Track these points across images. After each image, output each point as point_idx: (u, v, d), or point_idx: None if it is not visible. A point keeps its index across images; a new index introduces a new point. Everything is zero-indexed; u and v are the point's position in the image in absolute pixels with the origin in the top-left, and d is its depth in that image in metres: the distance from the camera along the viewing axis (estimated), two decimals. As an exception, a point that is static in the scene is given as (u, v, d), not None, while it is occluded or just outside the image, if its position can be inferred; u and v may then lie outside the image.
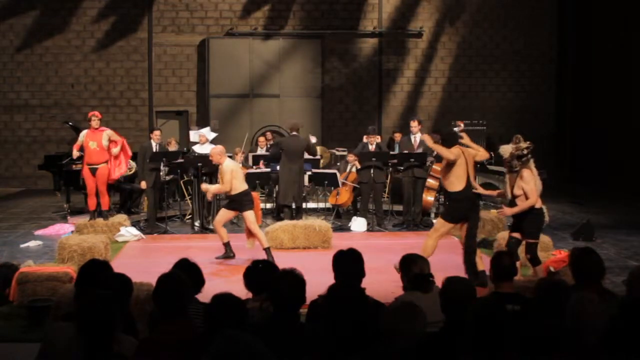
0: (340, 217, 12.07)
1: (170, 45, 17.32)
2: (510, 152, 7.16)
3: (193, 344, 3.44)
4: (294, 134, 11.30)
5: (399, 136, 13.86)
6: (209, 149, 11.06)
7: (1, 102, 17.16)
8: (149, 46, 17.28)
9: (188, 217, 11.83)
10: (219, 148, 9.13)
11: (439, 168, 9.42)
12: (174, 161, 11.25)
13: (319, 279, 4.30)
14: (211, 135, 11.75)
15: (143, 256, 9.32)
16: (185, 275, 3.90)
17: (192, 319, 3.87)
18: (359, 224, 11.18)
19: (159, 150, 11.33)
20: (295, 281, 3.75)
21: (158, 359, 3.41)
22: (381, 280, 6.70)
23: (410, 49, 17.82)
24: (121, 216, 10.90)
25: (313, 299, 4.11)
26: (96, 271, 4.12)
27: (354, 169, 11.88)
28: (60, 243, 8.60)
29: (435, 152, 8.77)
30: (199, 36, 17.26)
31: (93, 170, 10.58)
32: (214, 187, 9.08)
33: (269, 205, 12.65)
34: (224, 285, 6.18)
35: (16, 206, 14.11)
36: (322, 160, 13.88)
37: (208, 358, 2.88)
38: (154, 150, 11.24)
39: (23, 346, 5.61)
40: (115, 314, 3.38)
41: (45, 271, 7.15)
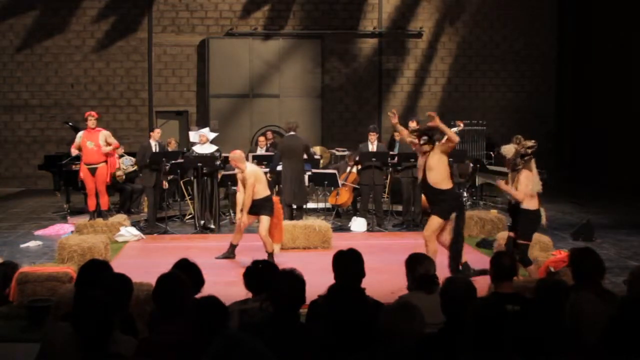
0: (340, 217, 12.07)
1: (170, 46, 17.31)
2: (516, 149, 7.19)
3: (193, 344, 3.43)
4: (292, 133, 11.29)
5: (399, 136, 13.82)
6: (209, 149, 11.10)
7: (1, 102, 17.16)
8: (149, 46, 17.28)
9: (188, 217, 11.83)
10: (238, 153, 8.64)
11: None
12: (174, 161, 11.24)
13: (319, 279, 4.29)
14: (211, 136, 11.74)
15: (143, 256, 9.30)
16: (185, 275, 3.90)
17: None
18: (358, 224, 11.18)
19: (158, 150, 11.33)
20: (295, 281, 3.75)
21: (158, 359, 3.41)
22: (381, 280, 6.69)
23: (410, 49, 17.82)
24: (121, 216, 10.90)
25: (313, 299, 4.11)
26: (96, 271, 4.12)
27: (354, 170, 11.88)
28: (60, 243, 8.60)
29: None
30: (199, 36, 17.26)
31: (92, 170, 10.58)
32: (243, 209, 8.48)
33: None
34: (224, 285, 6.19)
35: (16, 206, 14.10)
36: (322, 160, 13.88)
37: (208, 358, 2.88)
38: (154, 149, 11.24)
39: (23, 346, 5.59)
40: (112, 313, 3.37)
41: (45, 271, 7.14)
